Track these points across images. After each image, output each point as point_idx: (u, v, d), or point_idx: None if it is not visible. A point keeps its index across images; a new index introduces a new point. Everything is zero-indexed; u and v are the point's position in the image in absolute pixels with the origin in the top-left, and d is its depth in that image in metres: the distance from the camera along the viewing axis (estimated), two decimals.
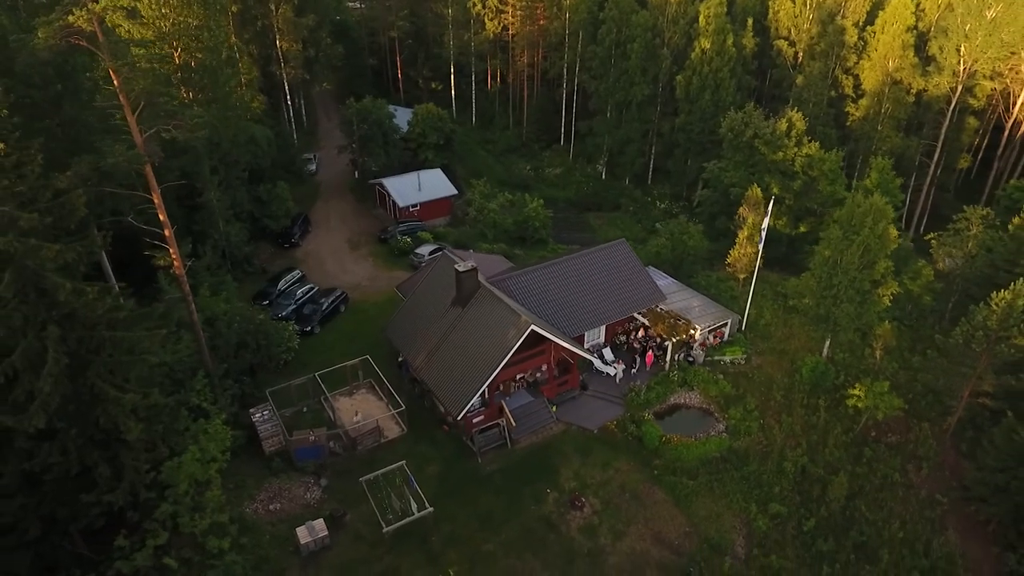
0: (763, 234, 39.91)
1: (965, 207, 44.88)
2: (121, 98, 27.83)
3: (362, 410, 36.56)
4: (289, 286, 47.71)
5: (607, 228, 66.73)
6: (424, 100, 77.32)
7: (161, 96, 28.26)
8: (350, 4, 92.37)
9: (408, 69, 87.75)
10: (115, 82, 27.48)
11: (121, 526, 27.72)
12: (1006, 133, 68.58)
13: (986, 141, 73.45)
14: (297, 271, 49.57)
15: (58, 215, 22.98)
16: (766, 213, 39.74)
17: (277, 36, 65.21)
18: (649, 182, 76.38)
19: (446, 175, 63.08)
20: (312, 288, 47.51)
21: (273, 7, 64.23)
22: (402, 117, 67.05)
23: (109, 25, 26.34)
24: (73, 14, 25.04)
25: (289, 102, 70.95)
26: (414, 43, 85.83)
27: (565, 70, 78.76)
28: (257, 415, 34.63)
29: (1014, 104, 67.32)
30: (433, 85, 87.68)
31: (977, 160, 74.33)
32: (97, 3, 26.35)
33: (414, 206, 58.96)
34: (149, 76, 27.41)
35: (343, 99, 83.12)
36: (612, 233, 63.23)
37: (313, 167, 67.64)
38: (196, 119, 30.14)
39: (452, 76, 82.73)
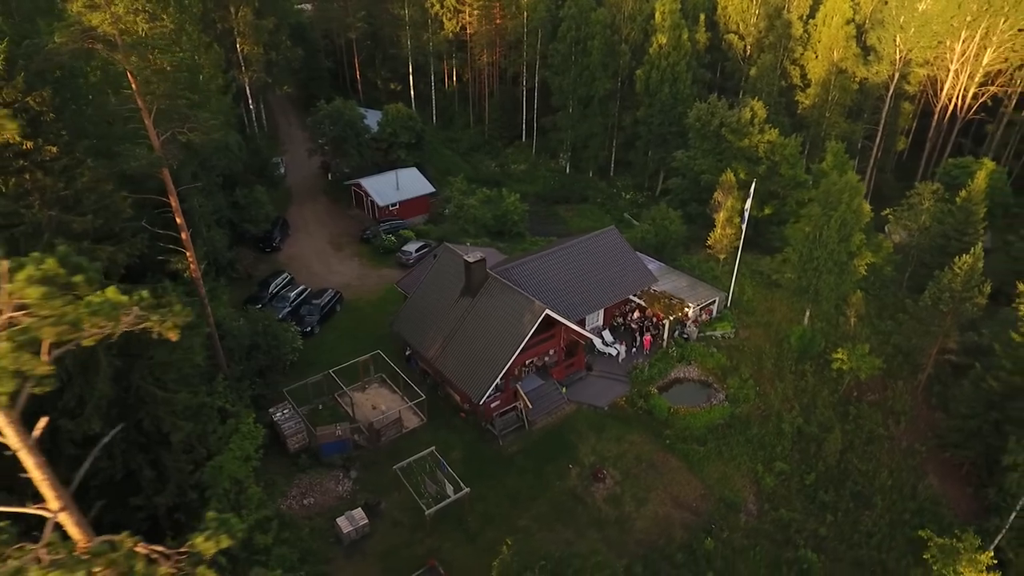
0: (745, 215, 42.58)
1: (917, 183, 48.92)
2: (139, 101, 27.73)
3: (377, 404, 37.23)
4: (280, 289, 47.59)
5: (578, 219, 68.69)
6: (383, 101, 77.59)
7: (179, 99, 28.24)
8: (299, 7, 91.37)
9: (366, 70, 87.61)
10: (133, 85, 27.40)
11: (157, 531, 27.73)
12: (935, 116, 74.25)
13: (915, 125, 79.33)
14: (286, 274, 49.43)
15: (104, 218, 22.96)
16: (748, 195, 42.41)
17: (238, 39, 64.41)
18: (612, 174, 78.88)
19: (421, 174, 63.75)
20: (305, 290, 47.57)
21: (233, 10, 63.45)
22: (368, 118, 67.16)
23: (125, 27, 26.11)
24: (95, 17, 24.92)
25: (252, 106, 70.01)
26: (372, 44, 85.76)
27: (525, 68, 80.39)
28: (278, 414, 34.83)
29: (941, 89, 73.03)
30: (392, 86, 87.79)
31: (909, 142, 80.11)
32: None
33: (393, 205, 59.44)
34: (169, 79, 27.39)
35: (301, 102, 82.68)
36: (583, 224, 65.29)
37: (282, 170, 67.00)
38: (212, 121, 30.16)
39: (411, 76, 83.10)
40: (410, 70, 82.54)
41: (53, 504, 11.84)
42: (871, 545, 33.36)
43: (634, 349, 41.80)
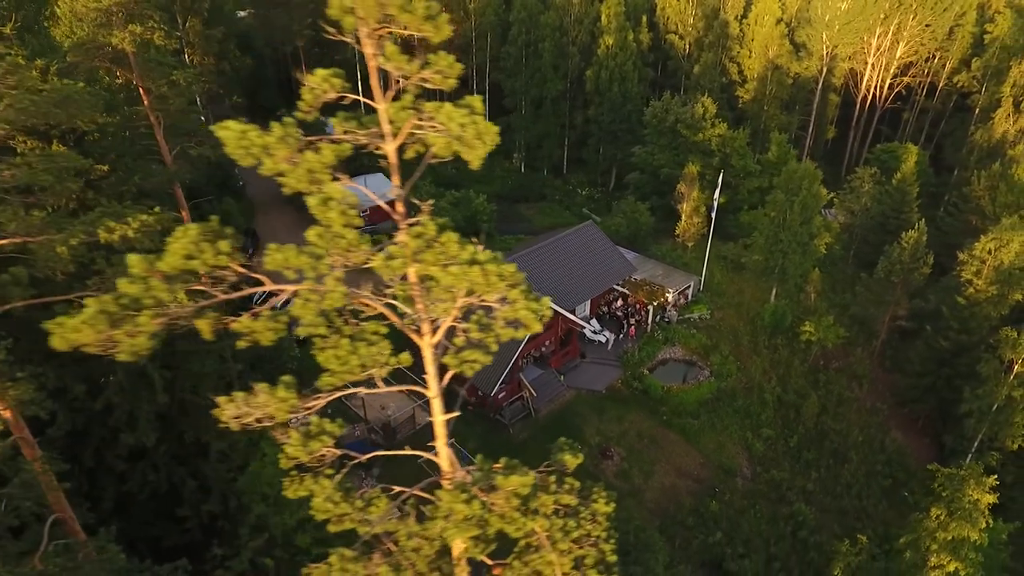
0: (714, 204, 45.80)
1: (858, 168, 53.55)
2: (151, 118, 27.96)
3: (385, 403, 38.20)
4: (263, 300, 47.46)
5: (541, 217, 70.89)
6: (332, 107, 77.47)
7: (191, 113, 28.61)
8: (240, 13, 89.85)
9: None
10: (144, 101, 27.61)
11: (191, 543, 28.01)
12: (857, 106, 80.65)
13: (837, 114, 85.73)
14: None
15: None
16: (717, 186, 45.64)
17: (187, 50, 63.37)
18: (565, 172, 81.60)
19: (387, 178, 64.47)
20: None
21: (181, 20, 62.38)
22: (329, 128, 67.27)
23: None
24: (115, 35, 25.14)
25: (203, 117, 68.69)
26: (319, 51, 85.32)
27: (475, 71, 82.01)
28: (292, 420, 35.27)
29: (861, 81, 79.42)
30: None
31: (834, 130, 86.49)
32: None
33: (364, 211, 59.89)
34: (185, 95, 27.75)
35: (248, 112, 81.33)
36: (547, 222, 67.61)
37: (240, 182, 66.20)
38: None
39: (359, 83, 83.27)
40: (358, 77, 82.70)
41: (441, 442, 14.23)
42: (852, 495, 37.03)
43: (621, 335, 44.29)
